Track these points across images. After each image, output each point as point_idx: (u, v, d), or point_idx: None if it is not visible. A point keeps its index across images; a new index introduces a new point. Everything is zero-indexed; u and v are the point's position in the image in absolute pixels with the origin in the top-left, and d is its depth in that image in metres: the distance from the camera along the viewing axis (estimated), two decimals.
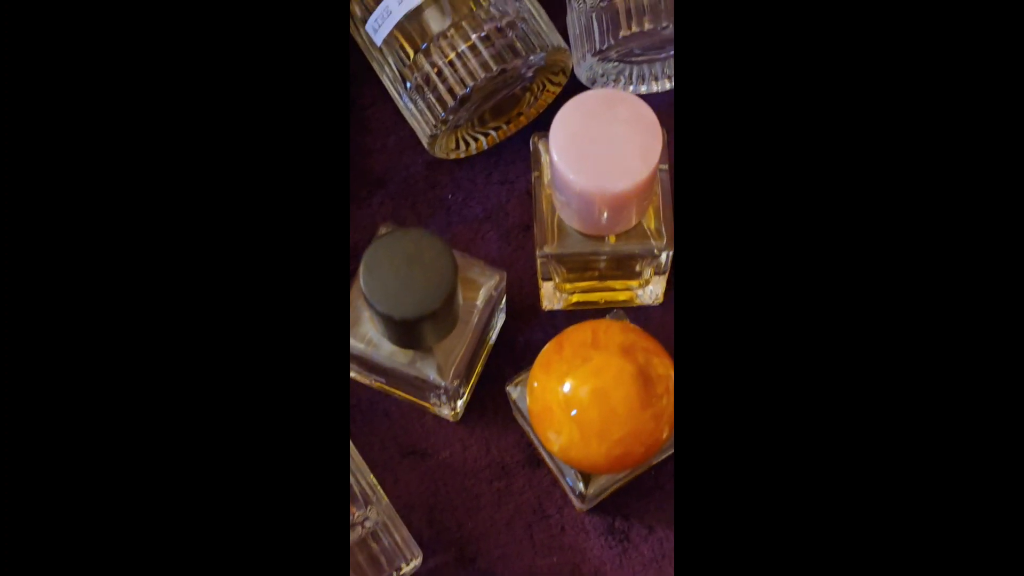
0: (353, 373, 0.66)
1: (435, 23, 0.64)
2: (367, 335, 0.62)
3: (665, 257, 0.62)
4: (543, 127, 0.62)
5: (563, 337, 0.59)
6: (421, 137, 0.66)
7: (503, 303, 0.65)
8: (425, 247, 0.58)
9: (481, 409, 0.66)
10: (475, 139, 0.68)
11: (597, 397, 0.57)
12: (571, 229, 0.61)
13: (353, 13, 0.67)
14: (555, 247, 0.62)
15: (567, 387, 0.57)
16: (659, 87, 0.69)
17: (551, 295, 0.66)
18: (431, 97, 0.64)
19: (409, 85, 0.65)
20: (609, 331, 0.58)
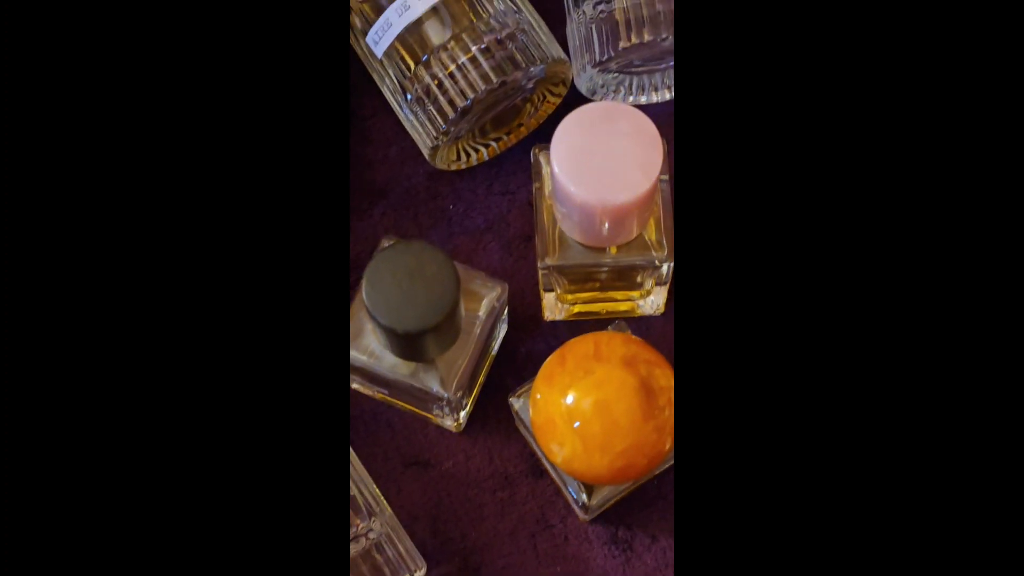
0: (356, 384, 0.66)
1: (435, 35, 0.64)
2: (370, 347, 0.62)
3: (666, 268, 0.62)
4: (544, 138, 0.62)
5: (565, 349, 0.59)
6: (422, 148, 0.66)
7: (505, 314, 0.65)
8: (427, 260, 0.58)
9: (484, 419, 0.66)
10: (476, 150, 0.68)
11: (600, 409, 0.57)
12: (572, 241, 0.61)
13: (353, 25, 0.67)
14: (556, 259, 0.62)
15: (570, 399, 0.57)
16: (659, 97, 0.69)
17: (553, 306, 0.66)
18: (432, 109, 0.64)
19: (410, 97, 0.65)
20: (611, 343, 0.58)
